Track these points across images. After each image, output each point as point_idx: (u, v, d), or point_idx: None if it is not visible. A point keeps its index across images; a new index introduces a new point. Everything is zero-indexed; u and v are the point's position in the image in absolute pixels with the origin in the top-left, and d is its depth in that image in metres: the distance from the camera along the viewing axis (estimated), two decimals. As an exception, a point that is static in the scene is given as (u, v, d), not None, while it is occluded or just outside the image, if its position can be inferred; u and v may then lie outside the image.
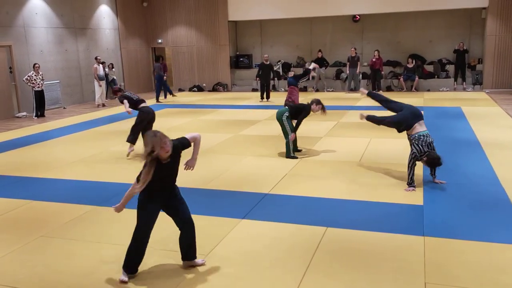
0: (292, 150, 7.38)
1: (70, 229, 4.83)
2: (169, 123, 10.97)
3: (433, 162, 5.62)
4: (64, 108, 14.41)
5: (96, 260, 4.10)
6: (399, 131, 6.02)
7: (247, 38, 18.96)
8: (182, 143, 3.82)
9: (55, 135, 9.99)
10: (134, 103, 7.92)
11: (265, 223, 4.81)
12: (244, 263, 3.97)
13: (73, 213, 5.25)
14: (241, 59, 18.59)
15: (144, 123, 7.80)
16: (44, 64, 13.71)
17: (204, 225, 4.79)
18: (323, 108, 7.57)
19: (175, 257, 4.05)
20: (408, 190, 5.60)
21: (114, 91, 8.64)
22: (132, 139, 7.81)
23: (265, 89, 14.69)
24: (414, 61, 16.05)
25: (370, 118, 6.50)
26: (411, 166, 5.65)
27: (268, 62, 14.94)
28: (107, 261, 4.07)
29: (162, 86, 15.51)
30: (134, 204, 5.55)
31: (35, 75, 12.59)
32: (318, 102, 7.58)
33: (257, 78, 15.02)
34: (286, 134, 7.38)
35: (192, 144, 3.90)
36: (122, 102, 7.91)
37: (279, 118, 7.46)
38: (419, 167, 6.58)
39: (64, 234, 4.69)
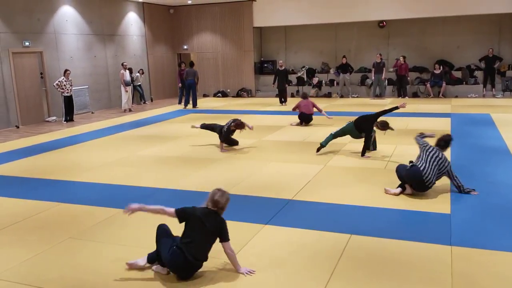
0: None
1: (97, 231, 4.92)
2: (193, 129, 11.05)
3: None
4: (92, 113, 14.72)
5: (122, 262, 4.16)
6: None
7: (271, 44, 19.02)
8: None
9: (83, 139, 10.22)
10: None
11: (288, 229, 4.80)
12: (267, 268, 3.97)
13: (100, 216, 5.35)
14: (265, 65, 18.65)
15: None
16: (74, 70, 14.05)
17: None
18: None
19: (199, 262, 4.08)
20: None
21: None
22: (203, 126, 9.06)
23: (283, 94, 15.11)
24: (441, 67, 15.79)
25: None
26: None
27: (283, 68, 15.20)
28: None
29: (192, 93, 15.09)
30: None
31: (65, 81, 12.92)
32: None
33: (274, 84, 15.28)
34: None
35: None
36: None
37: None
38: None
39: (91, 236, 4.79)
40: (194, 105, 15.19)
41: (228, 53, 18.57)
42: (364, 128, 7.69)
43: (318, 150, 7.96)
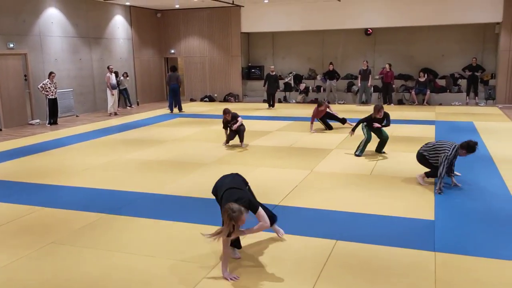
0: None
1: (80, 236, 4.86)
2: (180, 133, 11.03)
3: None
4: (77, 116, 14.57)
5: (105, 268, 4.11)
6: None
7: (259, 50, 19.08)
8: (251, 206, 3.86)
9: (67, 143, 10.10)
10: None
11: (274, 234, 4.79)
12: (252, 275, 3.95)
13: (84, 221, 5.29)
14: (253, 70, 18.70)
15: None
16: (58, 73, 13.91)
17: (213, 235, 4.79)
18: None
19: (185, 268, 4.05)
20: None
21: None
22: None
23: (271, 98, 15.75)
24: (426, 75, 16.00)
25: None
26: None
27: (274, 73, 15.89)
28: (116, 269, 4.08)
29: (176, 97, 15.07)
30: (147, 214, 5.58)
31: (49, 83, 12.77)
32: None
33: (264, 86, 16.03)
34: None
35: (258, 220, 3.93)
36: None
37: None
38: (431, 182, 6.53)
39: (74, 241, 4.72)
40: (180, 109, 15.14)
41: (216, 58, 18.58)
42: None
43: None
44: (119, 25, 16.76)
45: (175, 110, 15.14)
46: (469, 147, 6.13)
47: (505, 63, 15.23)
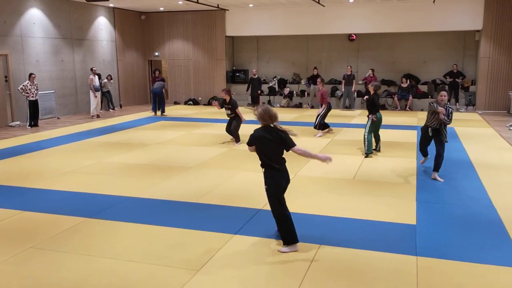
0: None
1: (60, 241, 4.77)
2: (163, 136, 10.95)
3: None
4: (58, 118, 14.36)
5: (86, 273, 4.04)
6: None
7: (243, 53, 19.10)
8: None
9: (48, 145, 9.94)
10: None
11: (257, 239, 4.78)
12: (236, 279, 3.93)
13: (64, 225, 5.19)
14: (237, 74, 18.70)
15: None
16: (40, 74, 13.71)
17: (196, 239, 4.76)
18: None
19: (167, 272, 4.01)
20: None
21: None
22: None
23: (255, 101, 16.18)
24: (408, 81, 16.21)
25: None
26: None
27: (256, 76, 16.28)
28: (97, 274, 4.02)
29: (159, 101, 15.02)
30: (128, 218, 5.52)
31: (30, 85, 12.57)
32: None
33: (247, 91, 16.50)
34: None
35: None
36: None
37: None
38: (413, 185, 6.60)
39: (54, 246, 4.64)
40: (162, 112, 15.06)
41: (200, 61, 18.53)
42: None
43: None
44: (102, 26, 16.60)
45: (158, 113, 15.05)
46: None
47: (485, 70, 15.53)
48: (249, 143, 4.68)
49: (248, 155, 8.74)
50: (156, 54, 18.93)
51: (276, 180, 4.54)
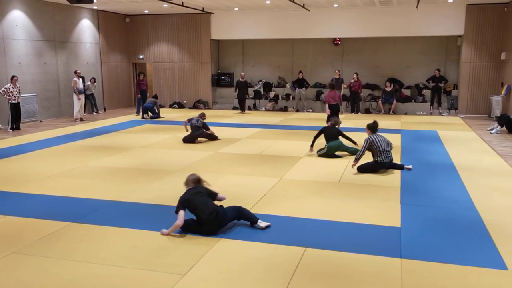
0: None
1: (44, 246, 4.70)
2: (148, 140, 10.88)
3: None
4: (41, 121, 14.17)
5: (69, 279, 3.99)
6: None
7: (229, 57, 19.11)
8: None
9: (30, 149, 9.79)
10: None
11: (243, 242, 4.77)
12: (221, 283, 3.92)
13: (47, 230, 5.12)
14: (223, 77, 18.70)
15: None
16: (22, 76, 13.51)
17: (182, 243, 4.74)
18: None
19: (152, 277, 3.98)
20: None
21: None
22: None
23: (242, 103, 16.30)
24: (392, 85, 16.40)
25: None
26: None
27: (244, 80, 16.30)
28: (81, 280, 3.97)
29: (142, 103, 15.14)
30: (112, 222, 5.47)
31: (12, 87, 12.38)
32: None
33: (235, 93, 16.63)
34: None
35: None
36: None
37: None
38: (397, 188, 6.67)
39: (37, 251, 4.56)
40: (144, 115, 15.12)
41: (185, 64, 18.48)
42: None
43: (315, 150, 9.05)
44: (86, 29, 16.45)
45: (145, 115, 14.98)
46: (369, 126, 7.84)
47: (467, 75, 15.80)
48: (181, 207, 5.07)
49: (233, 159, 8.74)
50: (141, 57, 18.82)
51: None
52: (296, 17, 16.77)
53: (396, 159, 8.72)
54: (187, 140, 10.45)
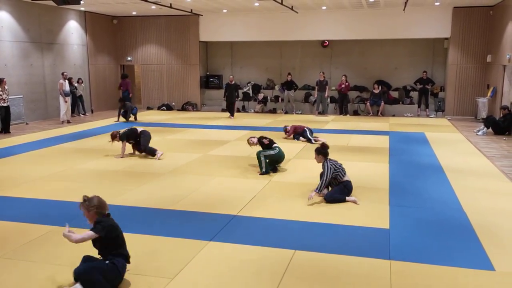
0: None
1: (30, 250, 4.63)
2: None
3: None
4: (27, 123, 13.99)
5: (56, 284, 3.93)
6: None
7: (217, 59, 19.07)
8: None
9: (16, 152, 9.66)
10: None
11: (233, 245, 4.75)
12: (211, 286, 3.90)
13: (34, 234, 5.05)
14: (211, 79, 18.66)
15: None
16: (8, 78, 13.31)
17: (170, 247, 4.70)
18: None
19: (141, 281, 3.94)
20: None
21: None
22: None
23: (231, 107, 15.78)
24: (380, 87, 16.51)
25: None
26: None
27: (233, 83, 15.95)
28: (67, 284, 3.91)
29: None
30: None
31: (1, 90, 12.19)
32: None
33: (224, 97, 16.15)
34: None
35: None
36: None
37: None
38: (386, 189, 6.70)
39: (23, 256, 4.49)
40: (135, 118, 14.98)
41: (174, 66, 18.40)
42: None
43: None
44: (73, 30, 16.30)
45: (131, 118, 14.88)
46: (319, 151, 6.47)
47: (453, 77, 15.97)
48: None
49: (222, 161, 8.71)
50: (129, 58, 18.70)
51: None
52: (284, 20, 16.81)
53: (385, 161, 8.77)
54: None
